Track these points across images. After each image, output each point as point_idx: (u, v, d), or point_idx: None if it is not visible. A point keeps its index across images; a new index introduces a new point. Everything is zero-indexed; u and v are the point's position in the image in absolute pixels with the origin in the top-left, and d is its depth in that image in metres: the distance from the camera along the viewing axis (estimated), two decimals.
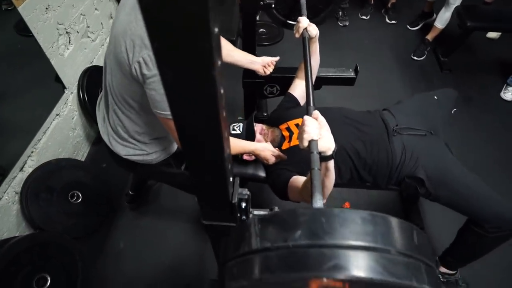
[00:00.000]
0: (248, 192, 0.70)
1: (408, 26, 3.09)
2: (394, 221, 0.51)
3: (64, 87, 1.79)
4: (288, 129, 1.35)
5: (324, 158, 0.87)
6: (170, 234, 1.72)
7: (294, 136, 1.30)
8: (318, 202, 0.68)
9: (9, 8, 1.53)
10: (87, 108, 1.90)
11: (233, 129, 1.32)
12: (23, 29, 1.54)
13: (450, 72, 2.65)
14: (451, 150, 1.45)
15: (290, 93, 1.49)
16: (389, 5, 3.16)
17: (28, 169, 1.53)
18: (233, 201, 0.67)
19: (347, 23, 3.11)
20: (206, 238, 0.80)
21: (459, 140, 2.17)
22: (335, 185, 1.08)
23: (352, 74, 1.76)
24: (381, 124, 1.30)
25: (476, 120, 2.34)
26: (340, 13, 3.11)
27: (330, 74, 1.76)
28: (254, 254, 0.52)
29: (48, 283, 1.35)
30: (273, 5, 1.61)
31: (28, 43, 1.60)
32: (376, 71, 2.62)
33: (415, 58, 2.75)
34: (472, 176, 1.23)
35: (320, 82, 1.79)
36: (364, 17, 3.19)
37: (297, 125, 1.34)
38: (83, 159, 1.99)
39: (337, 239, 0.47)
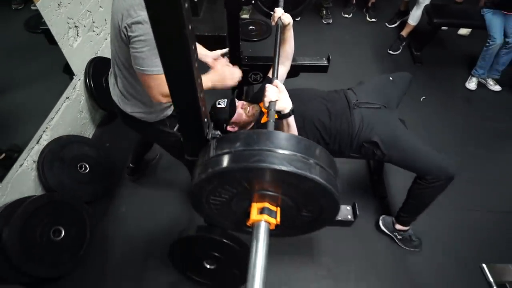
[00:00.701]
0: (220, 133, 0.96)
1: (386, 24, 3.36)
2: (302, 140, 0.77)
3: (73, 74, 2.04)
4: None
5: (284, 116, 1.12)
6: (166, 201, 1.97)
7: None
8: None
9: (19, 8, 1.79)
10: (93, 94, 2.15)
11: (219, 103, 1.55)
12: (32, 26, 1.80)
13: (421, 64, 2.92)
14: (405, 123, 1.72)
15: (268, 77, 1.75)
16: (369, 4, 3.43)
17: (43, 142, 1.79)
18: (207, 137, 0.93)
19: (331, 21, 3.37)
20: None
21: (428, 123, 2.44)
22: None
23: (324, 62, 2.02)
24: (344, 100, 1.56)
25: (443, 106, 2.60)
26: (324, 12, 3.38)
27: (306, 62, 2.02)
28: (210, 159, 0.78)
29: (63, 235, 1.61)
30: (253, 1, 1.85)
31: (37, 39, 1.85)
32: (354, 63, 2.89)
33: (391, 52, 3.02)
34: (417, 138, 1.50)
35: (297, 69, 2.05)
36: (346, 15, 3.46)
37: None
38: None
39: (260, 146, 0.74)
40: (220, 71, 1.38)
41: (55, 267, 1.57)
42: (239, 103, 1.59)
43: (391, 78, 1.69)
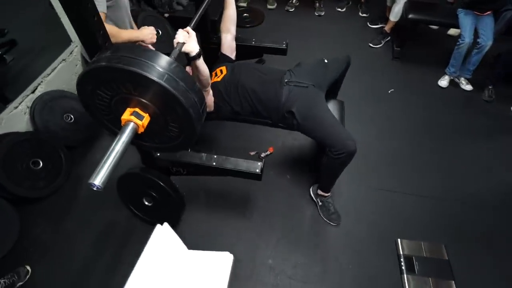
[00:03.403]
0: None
1: (368, 23, 3.45)
2: (165, 60, 1.03)
3: (70, 41, 2.42)
4: (216, 73, 1.87)
5: (192, 58, 1.37)
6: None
7: (218, 74, 1.82)
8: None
9: None
10: (87, 62, 2.52)
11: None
12: None
13: (398, 59, 3.03)
14: (344, 104, 1.91)
15: (222, 53, 2.01)
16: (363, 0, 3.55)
17: (38, 93, 2.18)
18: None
19: (323, 13, 3.54)
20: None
21: (390, 113, 2.59)
22: (262, 131, 1.65)
23: (283, 46, 2.24)
24: (277, 76, 1.79)
25: (409, 100, 2.71)
26: (317, 4, 3.54)
27: (267, 44, 2.25)
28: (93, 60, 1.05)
29: (40, 166, 1.99)
30: None
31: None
32: (333, 53, 3.05)
33: (371, 45, 3.14)
34: (331, 116, 1.70)
35: (261, 50, 2.30)
36: (339, 9, 3.60)
37: (221, 70, 1.85)
38: None
39: (135, 56, 1.00)
40: (138, 30, 1.71)
41: (32, 190, 1.95)
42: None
43: (325, 61, 1.89)
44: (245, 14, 3.50)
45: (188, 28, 1.38)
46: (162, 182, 1.66)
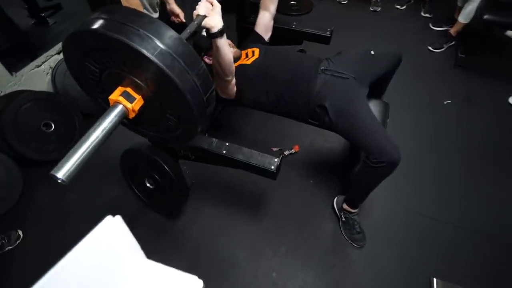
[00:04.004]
0: None
1: (430, 25, 3.02)
2: (171, 33, 0.83)
3: None
4: (247, 53, 1.66)
5: (213, 35, 1.16)
6: None
7: (248, 57, 1.60)
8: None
9: None
10: None
11: (203, 32, 1.65)
12: None
13: (461, 68, 2.60)
14: (388, 107, 1.62)
15: (255, 31, 1.79)
16: None
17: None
18: None
19: (379, 9, 3.18)
20: None
21: (441, 127, 2.20)
22: (290, 125, 1.45)
23: (327, 33, 1.97)
24: (313, 63, 1.53)
25: (467, 115, 2.30)
26: None
27: (309, 29, 2.00)
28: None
29: (52, 129, 1.91)
30: None
31: None
32: None
33: (431, 49, 2.74)
34: (372, 117, 1.40)
35: (301, 36, 2.05)
36: (399, 7, 3.21)
37: (253, 51, 1.63)
38: None
39: (128, 23, 0.80)
40: None
41: (40, 152, 1.87)
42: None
43: (372, 53, 1.59)
44: (292, 2, 3.24)
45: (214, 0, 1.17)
46: (166, 165, 1.47)
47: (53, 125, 1.91)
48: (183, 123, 0.94)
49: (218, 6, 1.16)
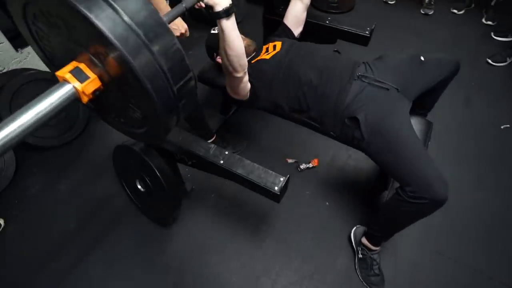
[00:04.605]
0: None
1: (492, 34, 2.58)
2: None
3: None
4: (267, 48, 1.42)
5: (217, 15, 0.93)
6: None
7: (269, 51, 1.37)
8: None
9: None
10: None
11: (213, 29, 1.43)
12: None
13: None
14: (431, 127, 1.32)
15: (284, 23, 1.54)
16: (492, 3, 2.69)
17: None
18: None
19: (431, 12, 2.78)
20: None
21: (496, 157, 1.81)
22: (311, 135, 1.29)
23: (366, 33, 1.67)
24: (349, 66, 1.26)
25: None
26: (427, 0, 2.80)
27: (346, 27, 1.71)
28: None
29: None
30: None
31: None
32: None
33: (491, 62, 2.33)
34: (414, 138, 1.11)
35: (335, 34, 1.76)
36: (455, 11, 2.80)
37: (274, 45, 1.39)
38: None
39: None
40: None
41: (38, 137, 1.75)
42: None
43: (422, 59, 1.28)
44: None
45: None
46: (157, 168, 1.27)
47: None
48: (147, 119, 0.72)
49: None
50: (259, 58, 1.36)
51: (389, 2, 2.93)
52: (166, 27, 0.62)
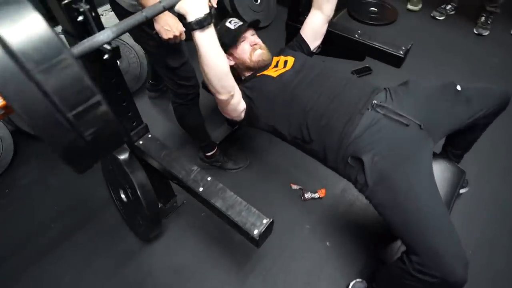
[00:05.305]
0: None
1: None
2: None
3: None
4: (277, 62, 1.25)
5: (188, 26, 0.78)
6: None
7: (278, 67, 1.20)
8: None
9: None
10: None
11: (229, 22, 1.25)
12: None
13: None
14: (465, 176, 1.07)
15: (300, 35, 1.36)
16: None
17: None
18: None
19: (486, 33, 2.44)
20: None
21: None
22: (317, 162, 1.13)
23: (400, 53, 1.44)
24: (364, 93, 1.05)
25: None
26: (483, 18, 2.45)
27: (376, 44, 1.49)
28: None
29: None
30: None
31: None
32: None
33: None
34: (433, 194, 0.89)
35: (364, 50, 1.55)
36: None
37: (286, 61, 1.22)
38: None
39: None
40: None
41: None
42: (250, 37, 1.25)
43: (458, 88, 1.04)
44: (372, 8, 2.67)
45: None
46: (137, 183, 1.14)
47: None
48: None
49: None
50: (266, 72, 1.19)
51: (438, 18, 2.61)
52: (54, 37, 0.47)
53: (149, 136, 1.15)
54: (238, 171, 1.68)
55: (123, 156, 1.16)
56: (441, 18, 2.62)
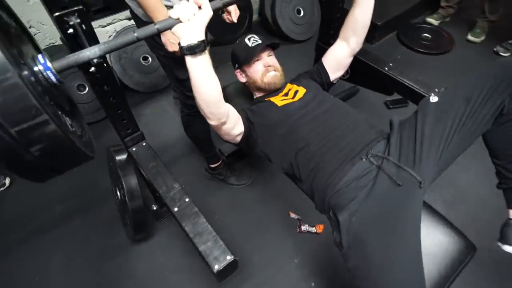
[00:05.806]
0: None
1: None
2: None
3: None
4: (289, 90, 1.19)
5: (182, 51, 0.75)
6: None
7: (287, 97, 1.15)
8: None
9: None
10: None
11: (249, 39, 1.20)
12: None
13: None
14: None
15: (321, 62, 1.28)
16: None
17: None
18: None
19: (507, 55, 2.13)
20: None
21: None
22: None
23: (432, 96, 1.29)
24: (365, 138, 0.96)
25: None
26: None
27: (405, 80, 1.36)
28: None
29: (86, 91, 1.84)
30: None
31: None
32: None
33: None
34: (416, 276, 0.78)
35: (392, 85, 1.42)
36: None
37: (296, 91, 1.16)
38: None
39: None
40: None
41: None
42: (266, 58, 1.19)
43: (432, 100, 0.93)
44: (425, 34, 2.46)
45: (203, 1, 0.73)
46: (127, 186, 1.16)
47: (87, 88, 1.84)
48: None
49: (206, 14, 0.74)
50: (273, 99, 1.13)
51: (502, 54, 2.32)
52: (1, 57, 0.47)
53: (144, 144, 1.16)
54: (239, 187, 1.64)
55: (119, 158, 1.19)
56: (505, 54, 2.32)
